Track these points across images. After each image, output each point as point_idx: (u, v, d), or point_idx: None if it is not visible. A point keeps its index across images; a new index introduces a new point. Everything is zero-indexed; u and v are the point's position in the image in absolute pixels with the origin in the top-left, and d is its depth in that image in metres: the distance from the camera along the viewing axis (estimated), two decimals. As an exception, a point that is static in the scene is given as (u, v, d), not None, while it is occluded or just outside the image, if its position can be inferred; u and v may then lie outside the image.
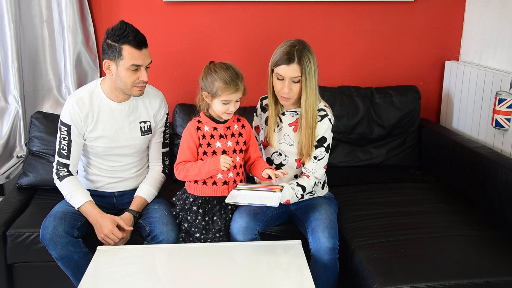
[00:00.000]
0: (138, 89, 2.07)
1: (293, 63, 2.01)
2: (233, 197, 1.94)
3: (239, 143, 2.09)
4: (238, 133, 2.09)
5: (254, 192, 1.97)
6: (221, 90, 1.96)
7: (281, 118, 2.18)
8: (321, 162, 2.12)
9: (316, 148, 2.10)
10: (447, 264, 1.85)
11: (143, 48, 2.01)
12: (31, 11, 2.69)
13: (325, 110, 2.13)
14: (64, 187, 2.09)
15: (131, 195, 2.22)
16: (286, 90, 2.03)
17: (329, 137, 2.12)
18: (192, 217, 2.07)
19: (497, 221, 2.19)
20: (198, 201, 2.08)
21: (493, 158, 2.28)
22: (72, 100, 2.10)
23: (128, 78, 2.03)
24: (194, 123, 2.07)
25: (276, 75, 2.06)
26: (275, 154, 2.19)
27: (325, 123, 2.10)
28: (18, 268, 2.24)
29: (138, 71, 2.03)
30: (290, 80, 2.03)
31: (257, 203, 1.89)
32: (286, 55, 2.02)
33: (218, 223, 2.06)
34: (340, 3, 2.89)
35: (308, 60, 2.02)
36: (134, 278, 1.76)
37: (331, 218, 2.06)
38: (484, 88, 2.59)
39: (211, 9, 2.84)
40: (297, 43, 2.04)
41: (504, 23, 2.58)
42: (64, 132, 2.09)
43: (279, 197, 1.91)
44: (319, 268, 1.96)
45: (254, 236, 2.01)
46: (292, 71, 2.01)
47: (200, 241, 2.06)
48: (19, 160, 2.78)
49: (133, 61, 1.99)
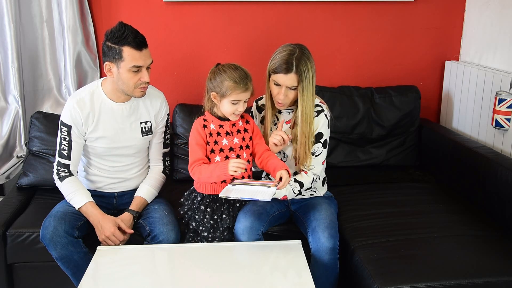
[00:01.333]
0: (140, 90, 2.07)
1: (290, 72, 2.00)
2: (228, 192, 1.93)
3: (245, 139, 2.09)
4: (244, 129, 2.09)
5: (249, 187, 1.96)
6: (231, 89, 1.96)
7: (278, 116, 2.19)
8: (319, 158, 2.12)
9: (313, 144, 2.10)
10: (447, 264, 1.85)
11: (143, 48, 2.01)
12: (31, 11, 2.69)
13: (320, 106, 2.13)
14: (65, 188, 2.09)
15: (131, 195, 2.22)
16: (282, 97, 2.04)
17: (325, 132, 2.12)
18: (200, 216, 2.07)
19: (497, 221, 2.19)
20: (206, 200, 2.08)
21: (493, 158, 2.28)
22: (73, 101, 2.09)
23: (130, 80, 2.02)
24: (200, 121, 2.07)
25: (273, 81, 2.06)
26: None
27: (321, 118, 2.10)
28: (18, 268, 2.24)
29: (139, 72, 2.03)
30: (286, 88, 2.04)
31: (250, 198, 1.88)
32: (285, 64, 2.00)
33: (227, 221, 2.06)
34: (340, 3, 2.89)
35: (306, 68, 2.01)
36: (134, 278, 1.76)
37: (331, 218, 2.06)
38: (484, 88, 2.59)
39: (211, 9, 2.84)
40: (297, 49, 2.02)
41: (504, 23, 2.58)
42: (65, 132, 2.09)
43: (272, 192, 1.89)
44: (319, 268, 1.96)
45: (258, 237, 2.01)
46: (289, 80, 2.02)
47: (207, 240, 2.06)
48: (19, 160, 2.78)
49: (134, 62, 1.99)
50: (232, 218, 2.07)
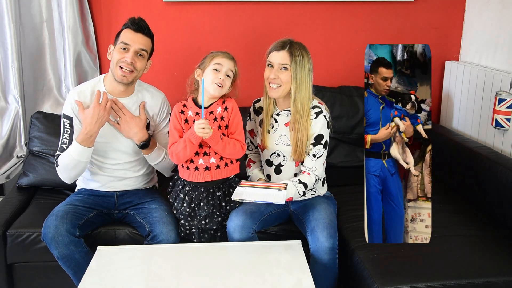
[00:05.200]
0: (120, 71, 2.07)
1: (283, 50, 2.05)
2: (239, 194, 1.94)
3: (221, 127, 2.07)
4: (221, 117, 2.07)
5: (259, 190, 1.97)
6: (212, 57, 2.03)
7: (276, 119, 2.17)
8: (321, 159, 2.12)
9: (314, 146, 2.09)
10: (447, 264, 1.85)
11: (139, 32, 2.06)
12: (31, 11, 2.69)
13: (319, 107, 2.12)
14: (62, 161, 2.07)
15: (131, 194, 2.22)
16: (273, 75, 2.05)
17: (325, 133, 2.11)
18: (179, 204, 2.10)
19: (497, 221, 2.19)
20: (186, 188, 2.10)
21: (493, 158, 2.28)
22: (73, 93, 2.14)
23: (116, 57, 2.06)
24: (179, 106, 2.10)
25: (267, 63, 2.09)
26: (274, 155, 2.19)
27: (320, 120, 2.09)
28: (18, 268, 2.24)
29: (126, 52, 2.06)
30: (278, 67, 2.05)
31: (264, 201, 1.90)
32: (279, 43, 2.08)
33: (205, 209, 2.06)
34: (340, 3, 2.89)
35: (300, 53, 2.04)
36: (134, 278, 1.76)
37: (330, 217, 2.06)
38: (484, 88, 2.59)
39: (211, 9, 2.84)
40: (293, 41, 2.08)
41: (504, 23, 2.58)
42: (67, 125, 2.11)
43: (284, 195, 1.92)
44: (318, 268, 1.96)
45: (251, 235, 2.01)
46: (281, 57, 2.04)
47: (185, 229, 2.10)
48: (19, 160, 2.78)
49: (124, 39, 2.05)
50: (211, 207, 2.07)
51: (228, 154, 2.05)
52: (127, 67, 2.06)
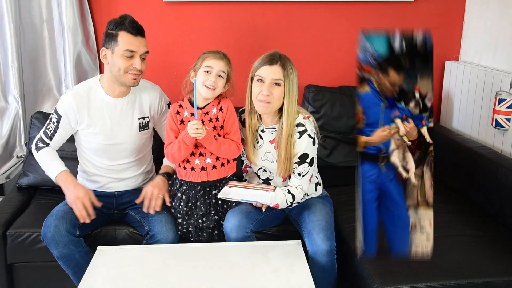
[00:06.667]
0: (132, 76, 2.06)
1: (276, 64, 1.95)
2: (226, 193, 1.95)
3: (216, 128, 2.07)
4: (216, 118, 2.06)
5: (247, 190, 1.98)
6: (203, 58, 2.02)
7: (261, 135, 2.10)
8: (306, 177, 2.04)
9: (299, 165, 2.00)
10: (447, 264, 1.85)
11: (139, 35, 2.04)
12: (31, 11, 2.69)
13: (303, 124, 1.99)
14: (41, 156, 2.14)
15: (131, 194, 2.22)
16: (266, 92, 1.93)
17: (310, 151, 1.99)
18: (176, 203, 2.10)
19: (497, 221, 2.19)
20: (183, 187, 2.10)
21: (493, 158, 2.28)
22: (69, 94, 2.12)
23: (122, 65, 2.04)
24: (175, 106, 2.10)
25: (257, 78, 1.97)
26: (260, 170, 2.15)
27: (304, 140, 1.98)
28: (18, 268, 2.24)
29: (132, 59, 2.04)
30: (271, 83, 1.95)
31: (251, 200, 1.90)
32: (269, 57, 1.97)
33: (202, 208, 2.07)
34: (340, 3, 2.89)
35: (291, 68, 1.97)
36: (134, 278, 1.76)
37: (326, 218, 2.04)
38: (484, 88, 2.59)
39: (211, 9, 2.84)
40: (281, 53, 2.00)
41: (504, 23, 2.58)
42: (55, 120, 2.13)
43: (272, 196, 1.92)
44: (317, 270, 1.95)
45: (247, 234, 2.00)
46: (274, 72, 1.94)
47: (183, 227, 2.10)
48: (19, 160, 2.78)
49: (128, 46, 2.02)
50: (208, 206, 2.07)
51: (223, 154, 2.05)
52: (136, 72, 2.06)
